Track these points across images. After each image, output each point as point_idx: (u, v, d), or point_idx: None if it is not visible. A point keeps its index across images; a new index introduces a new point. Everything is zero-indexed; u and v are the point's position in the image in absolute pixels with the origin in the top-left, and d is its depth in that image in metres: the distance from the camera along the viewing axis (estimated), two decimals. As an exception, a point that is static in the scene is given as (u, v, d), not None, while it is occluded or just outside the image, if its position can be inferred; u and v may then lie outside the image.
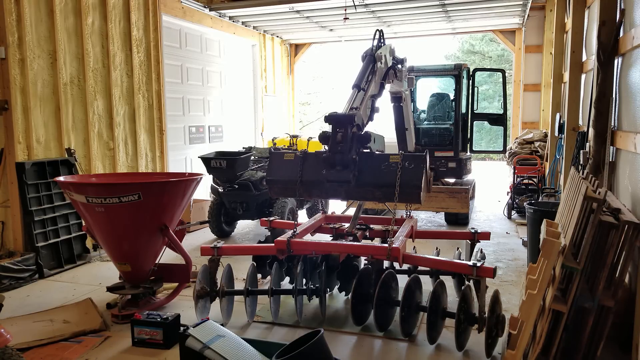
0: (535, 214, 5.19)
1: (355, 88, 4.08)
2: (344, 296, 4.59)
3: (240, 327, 3.99)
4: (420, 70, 8.07)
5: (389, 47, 4.66)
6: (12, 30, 5.40)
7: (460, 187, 7.53)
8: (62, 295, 4.82)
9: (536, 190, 8.20)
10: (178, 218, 4.54)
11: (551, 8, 9.35)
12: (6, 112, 5.44)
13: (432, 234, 5.23)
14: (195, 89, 9.36)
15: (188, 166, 9.08)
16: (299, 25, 11.11)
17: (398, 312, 3.71)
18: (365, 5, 9.13)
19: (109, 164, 6.75)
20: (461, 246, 4.83)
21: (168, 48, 8.25)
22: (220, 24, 9.77)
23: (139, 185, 4.13)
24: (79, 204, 4.17)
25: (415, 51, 20.64)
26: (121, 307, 4.18)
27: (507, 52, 21.20)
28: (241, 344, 3.04)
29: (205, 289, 4.00)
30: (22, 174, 5.43)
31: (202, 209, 7.50)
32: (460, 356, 3.49)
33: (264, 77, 11.76)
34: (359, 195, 4.05)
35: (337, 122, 3.74)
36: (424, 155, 3.85)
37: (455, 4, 9.16)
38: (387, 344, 3.70)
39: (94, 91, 6.47)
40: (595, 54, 4.47)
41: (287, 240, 3.89)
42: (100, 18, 6.58)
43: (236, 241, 7.01)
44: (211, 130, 9.87)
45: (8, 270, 5.07)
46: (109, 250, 4.39)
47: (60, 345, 3.69)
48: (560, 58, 8.38)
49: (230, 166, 6.46)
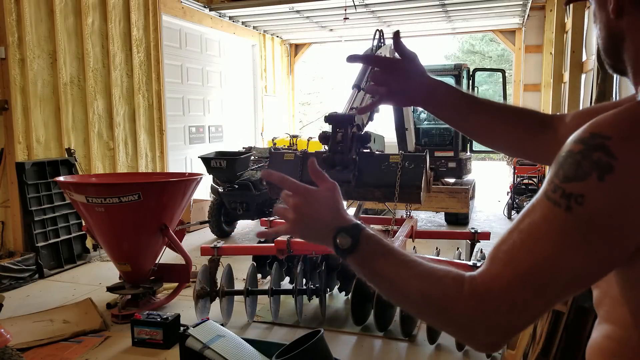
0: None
1: (355, 88, 4.08)
2: (344, 296, 4.59)
3: (240, 327, 3.99)
4: (420, 70, 8.05)
5: (389, 47, 4.66)
6: (12, 30, 5.40)
7: (460, 187, 7.53)
8: (62, 295, 4.82)
9: (536, 190, 8.17)
10: (178, 218, 4.54)
11: (551, 8, 9.35)
12: (6, 112, 5.44)
13: (432, 234, 5.24)
14: (195, 89, 9.36)
15: (188, 166, 9.08)
16: (299, 25, 11.11)
17: (398, 312, 3.71)
18: (365, 5, 9.13)
19: (109, 164, 6.75)
20: (461, 246, 4.83)
21: (168, 48, 8.25)
22: (220, 24, 9.77)
23: (139, 185, 4.13)
24: (79, 204, 4.17)
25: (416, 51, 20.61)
26: (121, 307, 4.18)
27: (507, 52, 21.20)
28: (241, 344, 3.04)
29: (205, 289, 4.00)
30: (22, 174, 5.43)
31: (202, 209, 7.50)
32: (460, 356, 3.49)
33: (264, 77, 11.76)
34: (359, 195, 4.05)
35: (337, 122, 3.74)
36: (424, 155, 3.85)
37: (455, 4, 9.16)
38: (387, 344, 3.70)
39: (94, 91, 6.47)
40: (595, 54, 4.46)
41: (287, 240, 3.89)
42: (100, 18, 6.58)
43: (236, 241, 7.01)
44: (211, 130, 9.87)
45: (8, 270, 5.07)
46: (109, 250, 4.39)
47: (60, 345, 3.69)
48: (560, 58, 8.38)
49: (230, 166, 6.46)
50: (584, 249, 0.76)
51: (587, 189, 0.74)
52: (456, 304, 0.82)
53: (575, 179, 0.75)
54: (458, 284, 0.83)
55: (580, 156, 0.76)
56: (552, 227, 0.77)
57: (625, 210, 0.73)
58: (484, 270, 0.83)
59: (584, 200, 0.74)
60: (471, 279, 0.83)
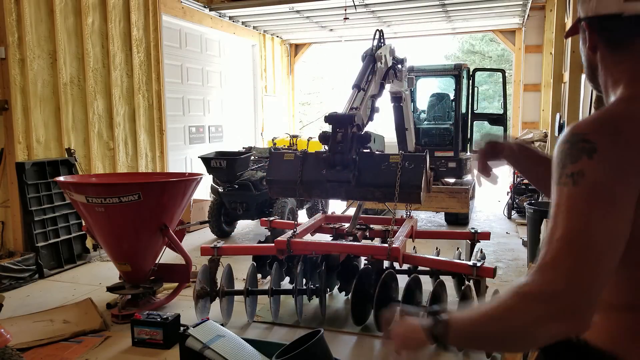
0: (535, 214, 5.19)
1: (355, 88, 4.08)
2: (344, 296, 4.59)
3: (240, 327, 3.99)
4: (420, 70, 8.06)
5: (389, 47, 4.66)
6: (12, 30, 5.40)
7: (460, 187, 7.53)
8: (62, 295, 4.82)
9: (536, 190, 8.19)
10: (178, 218, 4.54)
11: (551, 8, 9.35)
12: (6, 112, 5.44)
13: (432, 234, 5.23)
14: (195, 89, 9.36)
15: (188, 166, 9.08)
16: (299, 25, 11.11)
17: (398, 312, 3.70)
18: (365, 5, 9.13)
19: (109, 164, 6.75)
20: (461, 246, 4.82)
21: (168, 48, 8.25)
22: (220, 24, 9.77)
23: (139, 185, 4.13)
24: (79, 204, 4.17)
25: (415, 51, 20.58)
26: (121, 307, 4.18)
27: (507, 52, 21.19)
28: (241, 344, 3.04)
29: (205, 289, 4.00)
30: (22, 174, 5.43)
31: (202, 209, 7.50)
32: (461, 356, 3.49)
33: (264, 77, 11.76)
34: (359, 195, 4.05)
35: (337, 122, 3.74)
36: (424, 155, 3.85)
37: (455, 4, 9.16)
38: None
39: (94, 91, 6.47)
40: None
41: (287, 240, 3.89)
42: (100, 18, 6.58)
43: (236, 241, 7.01)
44: (211, 130, 9.87)
45: (8, 270, 5.07)
46: (109, 250, 4.38)
47: (60, 345, 3.69)
48: (560, 58, 8.37)
49: (230, 166, 6.46)
50: (599, 208, 0.97)
51: (583, 166, 1.00)
52: (531, 307, 0.97)
53: (572, 162, 1.02)
54: (518, 296, 1.00)
55: (569, 149, 1.04)
56: (571, 202, 1.00)
57: (614, 173, 0.98)
58: (532, 270, 1.01)
59: (584, 173, 0.99)
60: (522, 284, 1.00)
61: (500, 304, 1.02)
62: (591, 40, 1.21)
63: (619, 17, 1.12)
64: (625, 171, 0.99)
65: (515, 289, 1.00)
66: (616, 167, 0.98)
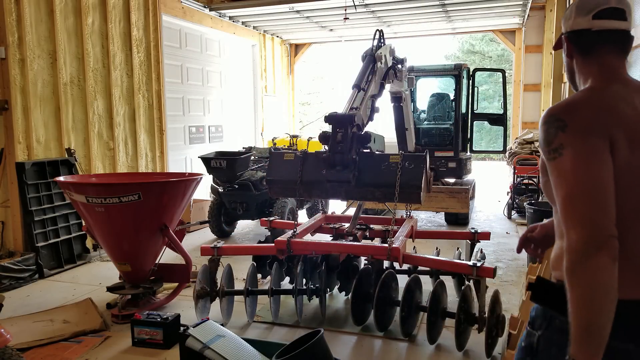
0: (535, 214, 5.20)
1: (355, 88, 4.08)
2: (344, 296, 4.59)
3: (240, 327, 3.99)
4: (420, 70, 8.06)
5: (389, 47, 4.66)
6: (12, 30, 5.40)
7: (460, 187, 7.53)
8: (62, 295, 4.82)
9: (536, 190, 8.20)
10: (178, 218, 4.54)
11: (551, 8, 9.35)
12: (6, 112, 5.44)
13: (432, 234, 5.23)
14: (195, 89, 9.36)
15: (188, 166, 9.08)
16: (299, 25, 11.11)
17: (398, 312, 3.71)
18: (365, 5, 9.14)
19: (109, 164, 6.75)
20: (461, 246, 4.82)
21: (168, 48, 8.25)
22: (220, 24, 9.77)
23: (139, 185, 4.13)
24: (79, 204, 4.17)
25: (415, 51, 20.61)
26: (121, 307, 4.18)
27: (507, 52, 21.19)
28: (241, 344, 3.04)
29: (205, 289, 4.00)
30: (22, 174, 5.43)
31: (202, 209, 7.50)
32: (460, 356, 3.49)
33: (264, 77, 11.76)
34: (359, 195, 4.05)
35: (337, 122, 3.74)
36: (424, 155, 3.85)
37: (455, 4, 9.16)
38: (387, 344, 3.70)
39: (94, 91, 6.47)
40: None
41: (287, 240, 3.89)
42: (100, 18, 6.58)
43: (236, 241, 7.01)
44: (211, 130, 9.87)
45: (8, 270, 5.07)
46: (109, 250, 4.38)
47: (60, 345, 3.69)
48: (560, 58, 8.37)
49: (230, 166, 6.45)
50: (582, 163, 1.31)
51: (562, 139, 1.36)
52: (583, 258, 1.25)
53: (553, 139, 1.38)
54: (572, 264, 1.27)
55: (548, 129, 1.40)
56: (561, 169, 1.35)
57: (583, 137, 1.34)
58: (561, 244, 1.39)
59: (563, 145, 1.35)
60: (566, 260, 1.29)
61: (569, 285, 1.27)
62: (569, 49, 1.59)
63: (589, 31, 1.51)
64: (589, 134, 1.34)
65: (566, 267, 1.28)
66: (582, 134, 1.34)
